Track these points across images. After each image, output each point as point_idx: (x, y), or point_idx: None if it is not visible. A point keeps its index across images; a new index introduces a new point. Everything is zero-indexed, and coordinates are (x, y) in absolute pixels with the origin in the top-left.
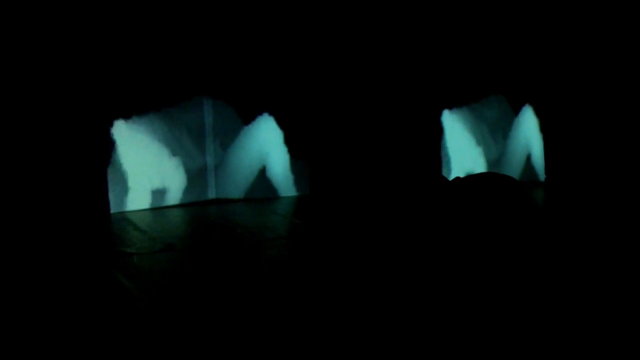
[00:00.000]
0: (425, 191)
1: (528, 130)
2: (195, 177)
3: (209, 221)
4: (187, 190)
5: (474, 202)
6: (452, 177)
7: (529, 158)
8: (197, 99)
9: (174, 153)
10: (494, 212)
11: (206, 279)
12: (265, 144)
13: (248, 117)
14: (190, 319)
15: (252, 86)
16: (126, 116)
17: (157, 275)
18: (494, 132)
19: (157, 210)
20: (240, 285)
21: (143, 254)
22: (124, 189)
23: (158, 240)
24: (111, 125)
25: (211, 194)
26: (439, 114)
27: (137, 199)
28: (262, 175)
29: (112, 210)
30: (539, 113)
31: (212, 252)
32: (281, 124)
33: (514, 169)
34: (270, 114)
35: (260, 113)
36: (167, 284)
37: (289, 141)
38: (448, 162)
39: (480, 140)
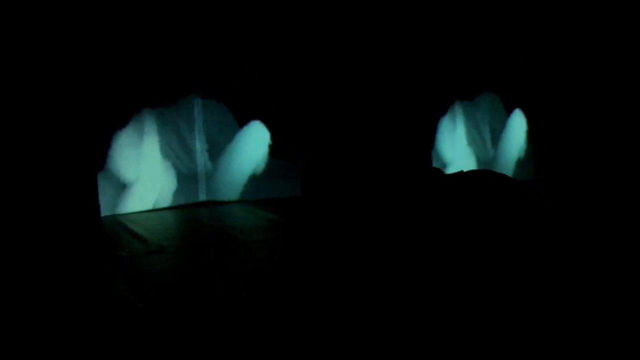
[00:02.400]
0: (417, 188)
1: (519, 131)
2: (186, 179)
3: (200, 223)
4: (178, 193)
5: (468, 198)
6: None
7: (520, 158)
8: (188, 99)
9: (164, 155)
10: (490, 208)
11: (200, 281)
12: (256, 145)
13: (238, 118)
14: (187, 320)
15: (242, 86)
16: (116, 118)
17: (150, 278)
18: (485, 133)
19: (149, 212)
20: (234, 286)
21: (135, 256)
22: (115, 191)
23: (150, 242)
24: (101, 127)
25: (202, 196)
26: (432, 113)
27: (128, 202)
28: (253, 176)
29: (103, 214)
30: (529, 113)
31: (205, 254)
32: (271, 124)
33: (505, 169)
34: (261, 114)
35: (250, 114)
36: (161, 286)
37: (279, 142)
38: (441, 163)
39: (471, 141)
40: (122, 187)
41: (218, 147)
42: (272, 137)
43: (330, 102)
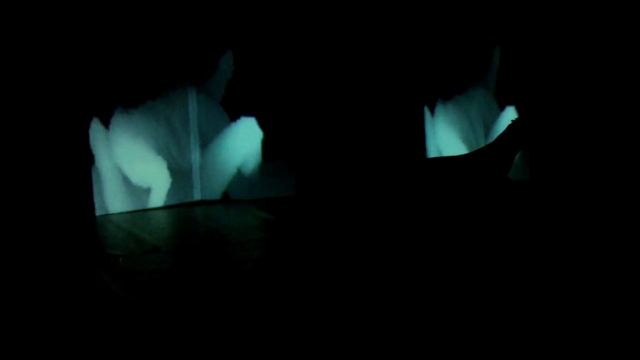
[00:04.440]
0: (408, 186)
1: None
2: (180, 178)
3: (195, 222)
4: (171, 192)
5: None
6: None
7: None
8: (183, 94)
9: (158, 154)
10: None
11: (192, 280)
12: (250, 145)
13: (233, 117)
14: (179, 319)
15: (236, 84)
16: (109, 116)
17: (143, 277)
18: (477, 128)
19: (142, 212)
20: (226, 286)
21: (129, 255)
22: (109, 191)
23: (143, 242)
24: (95, 125)
25: (196, 196)
26: (423, 110)
27: (122, 201)
28: (248, 175)
29: (97, 213)
30: (522, 112)
31: (198, 253)
32: (265, 123)
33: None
34: (255, 113)
35: (244, 112)
36: (154, 285)
37: (274, 141)
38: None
39: (464, 137)
40: (116, 187)
41: (212, 146)
42: (267, 137)
43: (325, 104)
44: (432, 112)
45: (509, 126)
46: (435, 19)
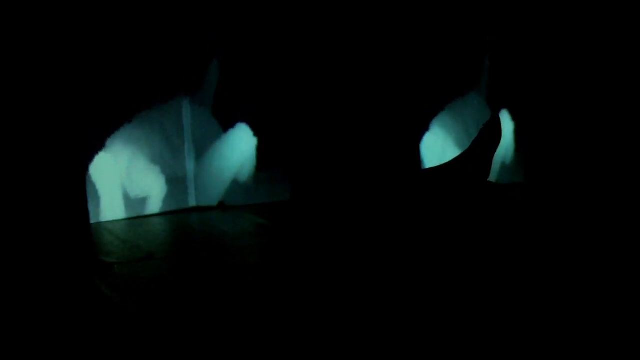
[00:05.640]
0: (402, 192)
1: (506, 132)
2: (175, 185)
3: (190, 229)
4: (166, 199)
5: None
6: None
7: (507, 160)
8: (177, 101)
9: (152, 161)
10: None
11: (189, 286)
12: (245, 151)
13: (227, 124)
14: (176, 326)
15: (230, 92)
16: (103, 122)
17: (139, 284)
18: (472, 134)
19: (137, 219)
20: (223, 291)
21: (124, 262)
22: (102, 198)
23: (139, 249)
24: (88, 132)
25: (192, 202)
26: (419, 116)
27: (116, 209)
28: (243, 182)
29: (92, 221)
30: (515, 114)
31: (194, 259)
32: (260, 130)
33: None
34: (249, 120)
35: (239, 120)
36: (150, 292)
37: (269, 147)
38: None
39: (459, 142)
40: (109, 194)
41: (207, 152)
42: (261, 142)
43: (320, 110)
44: (429, 118)
45: (481, 130)
46: (431, 24)
